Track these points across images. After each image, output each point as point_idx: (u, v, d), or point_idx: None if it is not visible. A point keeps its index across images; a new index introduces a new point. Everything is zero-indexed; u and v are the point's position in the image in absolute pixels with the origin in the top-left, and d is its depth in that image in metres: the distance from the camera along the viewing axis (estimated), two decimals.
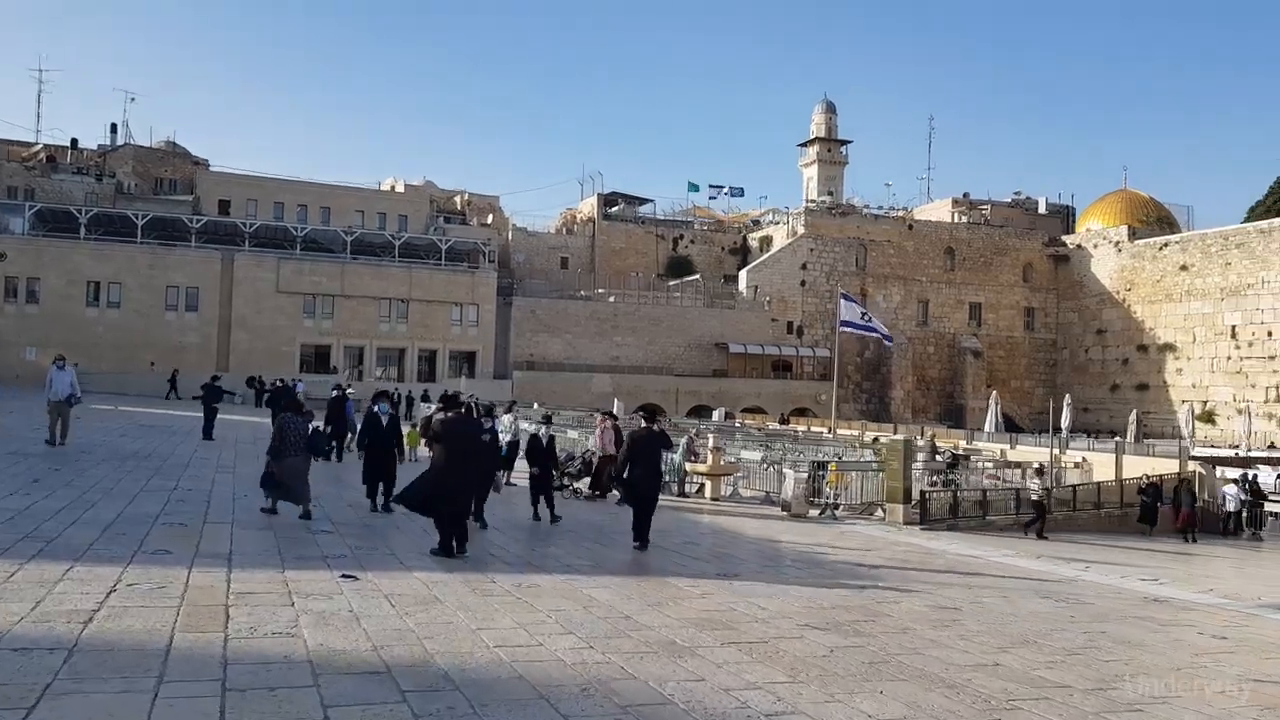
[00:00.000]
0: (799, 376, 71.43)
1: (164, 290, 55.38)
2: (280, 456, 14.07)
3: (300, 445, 14.16)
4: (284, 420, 14.46)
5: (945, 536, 18.84)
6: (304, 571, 9.99)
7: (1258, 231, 67.13)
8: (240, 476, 19.08)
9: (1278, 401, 64.37)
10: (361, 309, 59.64)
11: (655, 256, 77.91)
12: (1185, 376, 70.70)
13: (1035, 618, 10.94)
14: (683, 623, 8.79)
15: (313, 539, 12.46)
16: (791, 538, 16.88)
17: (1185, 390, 70.21)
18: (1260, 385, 65.59)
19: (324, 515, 14.93)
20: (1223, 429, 64.53)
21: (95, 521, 12.17)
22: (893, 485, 20.25)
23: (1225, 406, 67.16)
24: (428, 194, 76.98)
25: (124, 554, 10.16)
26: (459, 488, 11.79)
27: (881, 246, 76.10)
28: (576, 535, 15.06)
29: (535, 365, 62.70)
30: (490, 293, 63.00)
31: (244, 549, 11.11)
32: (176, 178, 70.52)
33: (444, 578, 10.28)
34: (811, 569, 13.22)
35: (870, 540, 17.51)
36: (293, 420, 14.37)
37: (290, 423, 14.30)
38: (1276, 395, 64.71)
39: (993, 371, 77.96)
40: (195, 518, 13.42)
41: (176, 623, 7.44)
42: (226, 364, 54.63)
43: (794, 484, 20.48)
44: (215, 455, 23.06)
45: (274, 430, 14.64)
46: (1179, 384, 71.04)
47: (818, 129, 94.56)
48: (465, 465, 11.87)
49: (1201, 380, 69.64)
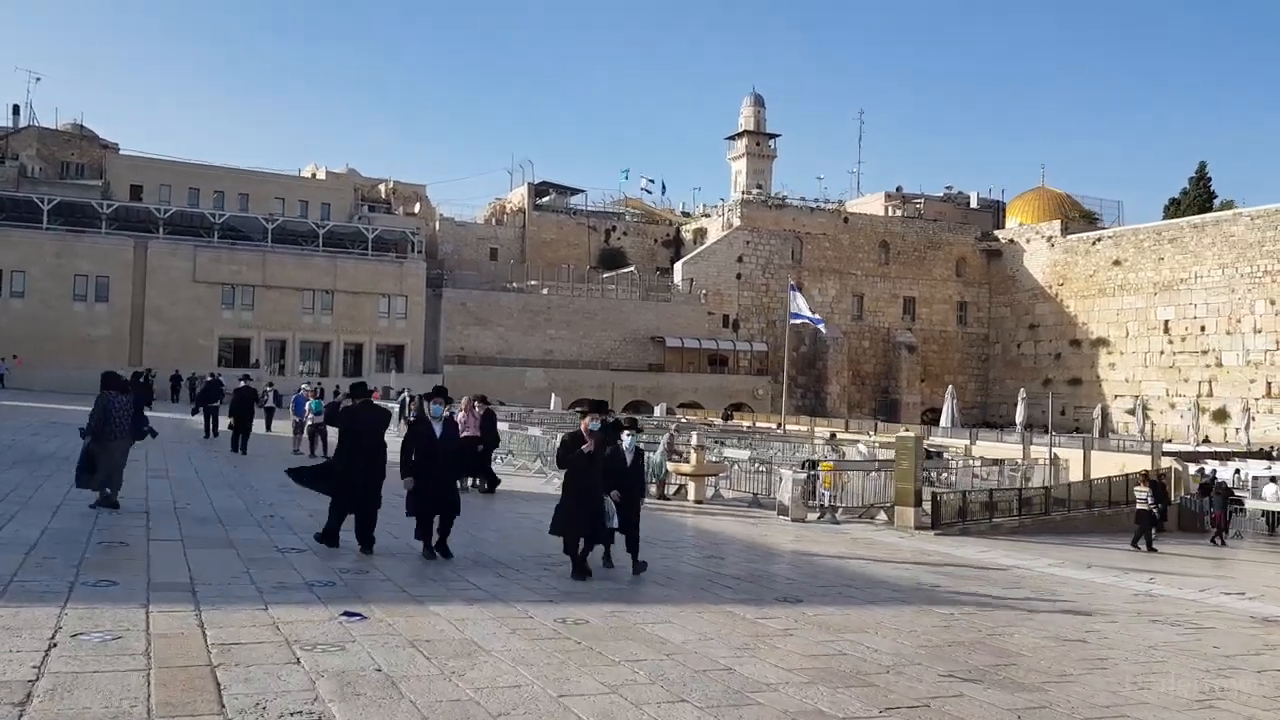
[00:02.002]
0: (735, 371, 70.00)
1: (72, 279, 51.82)
2: (103, 439, 12.83)
3: (125, 427, 13.22)
4: (108, 400, 13.18)
5: (966, 543, 17.21)
6: (293, 608, 7.89)
7: (1190, 226, 67.26)
8: (177, 481, 16.78)
9: (1210, 396, 64.44)
10: (284, 300, 56.65)
11: (587, 248, 75.83)
12: (1118, 371, 70.66)
13: (1172, 649, 9.28)
14: (801, 675, 6.90)
15: (284, 559, 10.32)
16: (810, 546, 15.09)
17: (1118, 385, 70.22)
18: (1193, 380, 65.67)
19: (284, 525, 12.76)
20: (1155, 423, 64.48)
21: (15, 542, 9.91)
22: (903, 486, 18.57)
23: (1158, 401, 67.16)
24: (351, 182, 73.91)
25: (58, 587, 7.97)
26: (363, 481, 11.22)
27: (817, 240, 74.98)
28: None
29: (467, 359, 60.25)
30: (419, 284, 60.41)
31: (207, 575, 8.96)
32: (84, 161, 66.55)
33: (467, 612, 8.26)
34: (871, 589, 11.39)
35: (894, 549, 15.78)
36: (117, 400, 13.28)
37: (115, 402, 13.21)
38: (1209, 390, 64.79)
39: (926, 366, 77.38)
40: (136, 533, 11.19)
41: (150, 698, 5.35)
42: (140, 357, 51.34)
43: (792, 485, 18.71)
44: (142, 456, 20.56)
45: (95, 410, 13.13)
46: (1112, 379, 70.99)
47: (746, 122, 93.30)
48: (368, 459, 11.32)
49: (1134, 375, 69.59)
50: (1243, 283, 63.08)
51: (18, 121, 68.26)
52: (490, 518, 15.53)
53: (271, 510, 13.82)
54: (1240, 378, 62.90)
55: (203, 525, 12.13)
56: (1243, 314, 63.16)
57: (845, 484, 19.98)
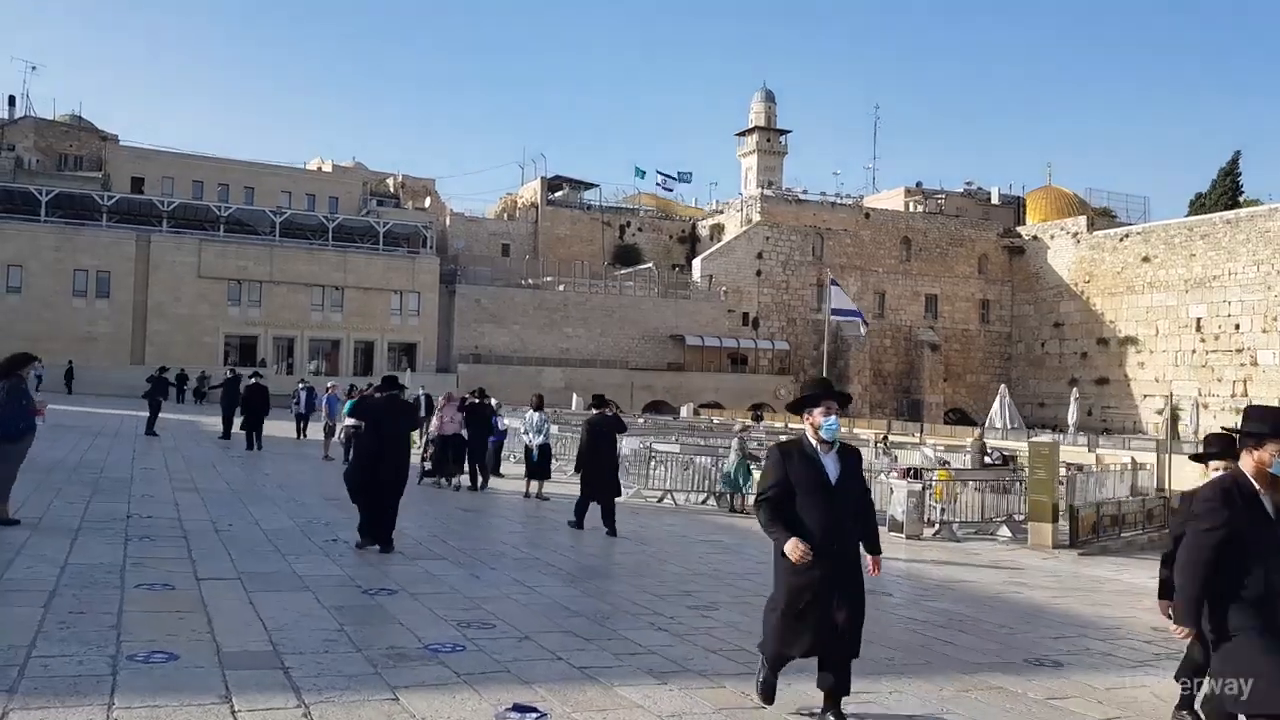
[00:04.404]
0: (755, 370, 67.72)
1: (72, 274, 49.30)
2: None
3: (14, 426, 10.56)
4: None
5: (1121, 565, 14.90)
6: (435, 697, 5.55)
7: (1223, 222, 65.11)
8: (209, 494, 14.40)
9: (1244, 396, 62.32)
10: (292, 296, 54.20)
11: (601, 244, 73.50)
12: (1147, 370, 68.54)
13: None
14: None
15: (378, 607, 7.98)
16: (963, 575, 12.76)
17: (1148, 384, 68.15)
18: (1227, 379, 63.59)
19: (353, 552, 10.42)
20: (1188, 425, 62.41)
21: (26, 587, 7.56)
22: (1039, 499, 16.26)
23: (1189, 401, 65.07)
24: (359, 175, 71.58)
25: (97, 666, 5.63)
26: (384, 475, 10.94)
27: (838, 236, 72.72)
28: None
29: (482, 358, 57.84)
30: (432, 280, 58.01)
31: (292, 637, 6.63)
32: (83, 154, 64.06)
33: (670, 698, 5.93)
34: (1110, 640, 9.05)
35: (1057, 575, 13.41)
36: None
37: None
38: (1244, 390, 62.69)
39: (948, 365, 75.29)
40: (179, 568, 8.83)
41: None
42: (142, 356, 48.95)
43: (906, 497, 16.42)
44: (161, 463, 18.24)
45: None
46: (1140, 378, 68.88)
47: (757, 118, 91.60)
48: (392, 451, 11.12)
49: (1165, 374, 67.46)
50: (1279, 279, 61.05)
51: (14, 113, 65.89)
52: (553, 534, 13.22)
53: (333, 533, 11.48)
54: (1277, 377, 60.87)
55: (257, 555, 9.81)
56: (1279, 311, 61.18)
57: (957, 495, 17.68)
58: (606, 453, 14.19)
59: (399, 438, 11.33)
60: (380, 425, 11.20)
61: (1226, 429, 6.55)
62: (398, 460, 11.14)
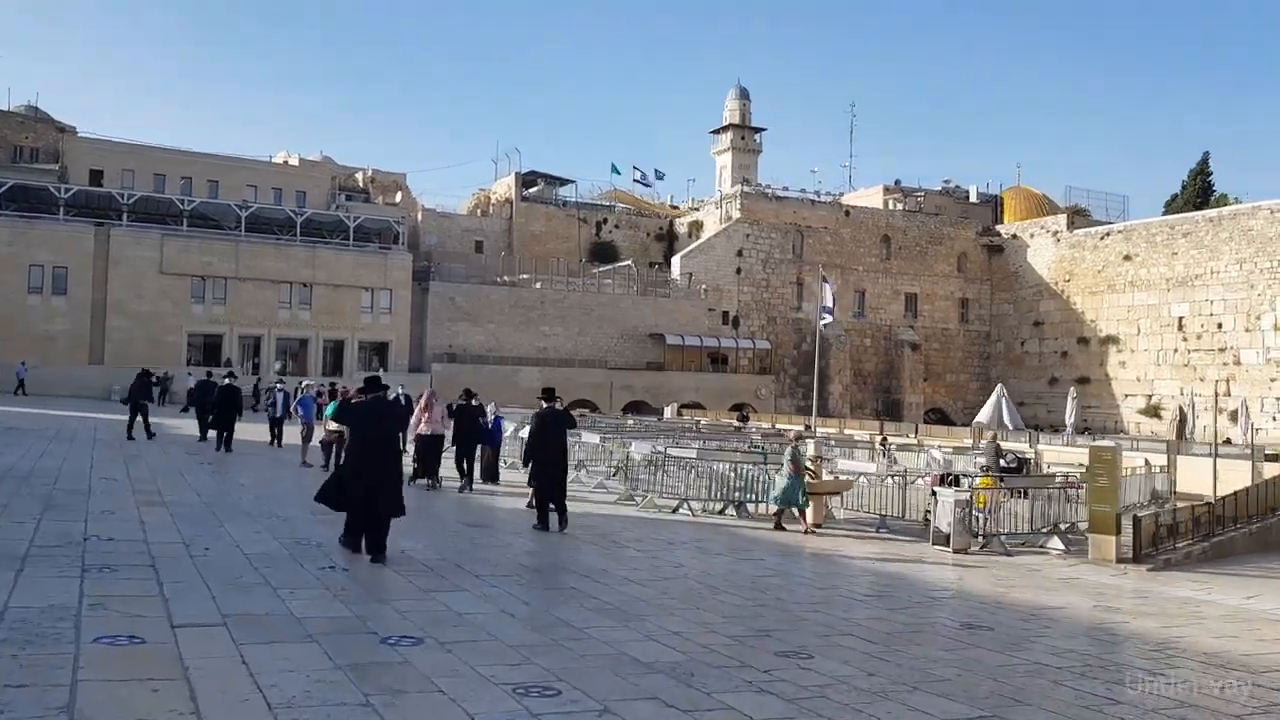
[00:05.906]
0: (735, 370, 66.26)
1: (27, 269, 46.92)
2: None
3: None
4: None
5: (1195, 581, 13.40)
6: None
7: (1206, 220, 64.39)
8: (177, 510, 12.62)
9: (1227, 395, 61.55)
10: (259, 293, 52.07)
11: (578, 241, 71.73)
12: (1129, 369, 67.77)
13: None
14: None
15: (403, 661, 6.32)
16: (1042, 599, 11.20)
17: (1129, 384, 67.40)
18: (1209, 379, 62.77)
19: (356, 584, 8.76)
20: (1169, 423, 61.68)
21: None
22: (1101, 509, 14.73)
23: (1171, 400, 64.36)
24: (328, 170, 69.45)
25: None
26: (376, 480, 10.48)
27: (818, 234, 71.38)
28: None
29: (456, 357, 55.95)
30: (405, 277, 56.06)
31: (293, 705, 4.98)
32: (39, 145, 61.45)
33: None
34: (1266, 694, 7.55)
35: (1144, 597, 11.90)
36: None
37: None
38: (1227, 389, 61.92)
39: (928, 365, 74.26)
40: (150, 610, 7.13)
41: None
42: (101, 355, 46.82)
43: (953, 507, 14.90)
44: (123, 472, 16.41)
45: None
46: (1122, 377, 68.10)
47: (731, 115, 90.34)
48: (377, 456, 10.68)
49: (1146, 374, 66.76)
50: (1262, 278, 60.33)
51: None
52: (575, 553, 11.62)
53: (330, 559, 9.79)
54: (1260, 376, 60.29)
55: (241, 589, 8.12)
56: (1262, 310, 60.45)
57: (1002, 504, 16.20)
58: (554, 444, 14.22)
59: (388, 440, 11.16)
60: (368, 429, 10.86)
61: None
62: (389, 464, 10.86)
